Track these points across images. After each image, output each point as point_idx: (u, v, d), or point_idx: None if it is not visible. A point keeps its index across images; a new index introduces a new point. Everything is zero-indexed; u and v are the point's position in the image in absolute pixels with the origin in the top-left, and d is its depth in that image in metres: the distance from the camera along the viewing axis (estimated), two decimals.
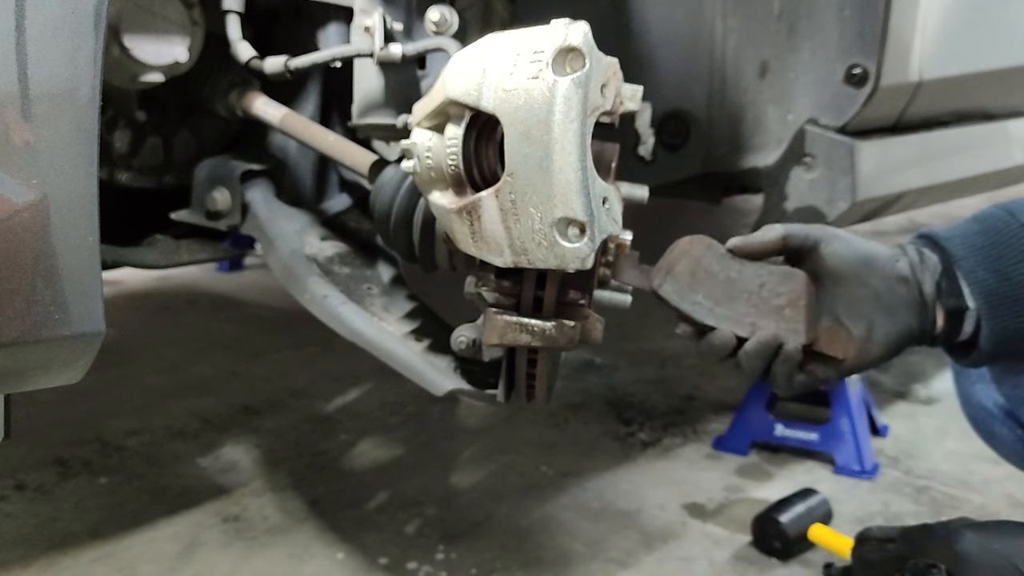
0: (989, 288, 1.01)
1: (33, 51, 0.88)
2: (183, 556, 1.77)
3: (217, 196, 1.52)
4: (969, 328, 1.03)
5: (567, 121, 0.84)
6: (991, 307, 1.01)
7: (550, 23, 0.88)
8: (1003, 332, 1.02)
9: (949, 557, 1.09)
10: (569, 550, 1.80)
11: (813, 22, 1.57)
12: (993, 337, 1.02)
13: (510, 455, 2.21)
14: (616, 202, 0.94)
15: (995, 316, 1.01)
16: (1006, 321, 1.01)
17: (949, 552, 1.09)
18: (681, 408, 2.52)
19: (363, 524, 1.89)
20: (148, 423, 2.36)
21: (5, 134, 0.87)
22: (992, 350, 1.03)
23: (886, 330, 1.00)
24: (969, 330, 1.03)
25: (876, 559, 1.20)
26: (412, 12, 1.40)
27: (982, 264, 1.02)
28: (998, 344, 1.02)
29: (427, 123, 0.96)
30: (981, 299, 1.01)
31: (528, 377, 1.08)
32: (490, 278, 1.03)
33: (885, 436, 2.34)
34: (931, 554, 1.12)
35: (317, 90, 1.59)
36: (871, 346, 1.01)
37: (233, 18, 1.40)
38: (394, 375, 1.36)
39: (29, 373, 0.97)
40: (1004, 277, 1.01)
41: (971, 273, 1.02)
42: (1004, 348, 1.03)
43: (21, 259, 0.88)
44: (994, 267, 1.02)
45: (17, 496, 1.97)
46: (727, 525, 1.90)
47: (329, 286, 1.41)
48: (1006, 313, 1.01)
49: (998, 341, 1.02)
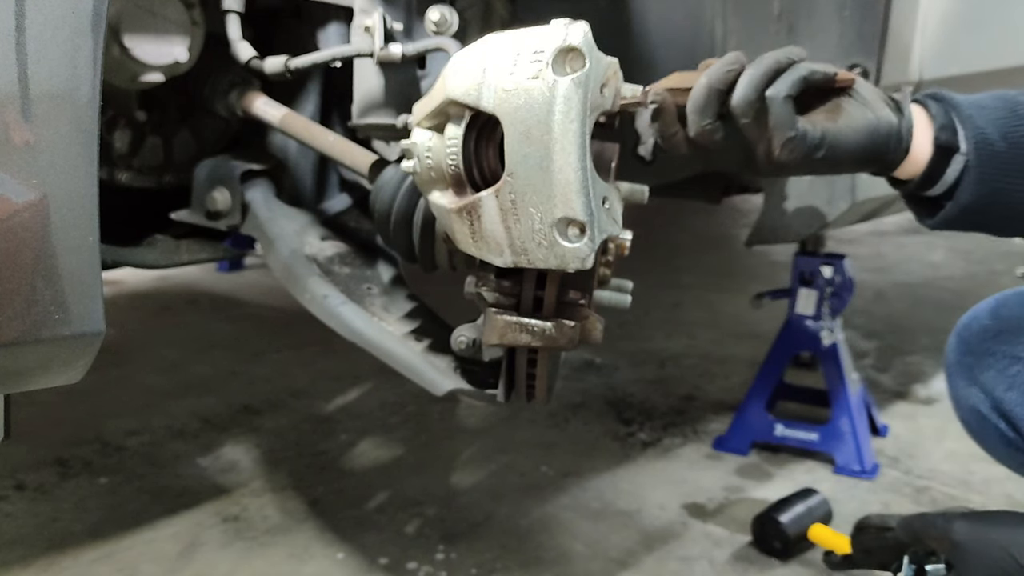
0: (986, 137, 0.99)
1: (33, 51, 0.87)
2: (183, 556, 1.77)
3: (217, 196, 1.52)
4: (952, 175, 1.00)
5: (567, 121, 0.84)
6: (983, 156, 0.99)
7: (550, 23, 0.88)
8: (985, 187, 0.99)
9: (946, 546, 1.10)
10: (569, 550, 1.81)
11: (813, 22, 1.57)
12: (976, 188, 0.99)
13: (510, 455, 2.21)
14: (616, 202, 0.94)
15: (984, 167, 0.99)
16: (993, 177, 0.99)
17: (946, 541, 1.10)
18: (681, 408, 2.52)
19: (363, 524, 1.89)
20: (148, 423, 2.36)
21: (5, 134, 0.87)
22: (968, 203, 1.00)
23: (863, 112, 0.97)
24: (951, 178, 1.00)
25: (875, 547, 1.20)
26: (412, 12, 1.40)
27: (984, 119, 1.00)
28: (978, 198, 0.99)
29: (427, 123, 0.96)
30: (974, 145, 0.99)
31: (528, 377, 1.08)
32: (490, 278, 1.03)
33: (885, 436, 2.34)
34: (929, 543, 1.12)
35: (317, 90, 1.59)
36: (855, 110, 0.97)
37: (233, 18, 1.40)
38: (394, 375, 1.36)
39: (29, 373, 0.97)
40: (1003, 135, 0.99)
41: (970, 119, 1.00)
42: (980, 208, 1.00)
43: (21, 259, 0.88)
44: (995, 125, 1.00)
45: (17, 496, 1.98)
46: (727, 525, 1.90)
47: (329, 286, 1.41)
48: (995, 169, 0.99)
49: (980, 195, 0.99)
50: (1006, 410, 1.25)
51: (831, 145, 0.95)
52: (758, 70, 0.95)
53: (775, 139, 0.94)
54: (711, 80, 0.95)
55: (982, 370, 1.27)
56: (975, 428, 1.33)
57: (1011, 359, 1.24)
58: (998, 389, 1.25)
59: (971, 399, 1.30)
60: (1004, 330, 1.26)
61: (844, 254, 2.30)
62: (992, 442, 1.30)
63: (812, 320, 2.24)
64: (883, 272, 4.11)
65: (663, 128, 0.99)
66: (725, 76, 0.95)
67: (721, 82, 0.95)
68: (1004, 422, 1.26)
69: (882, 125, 0.97)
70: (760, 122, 0.95)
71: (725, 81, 0.95)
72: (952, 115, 1.01)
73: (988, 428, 1.29)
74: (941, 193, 1.02)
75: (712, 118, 0.96)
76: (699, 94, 0.96)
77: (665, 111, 0.98)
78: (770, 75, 0.95)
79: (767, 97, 0.94)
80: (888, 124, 0.98)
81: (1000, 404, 1.25)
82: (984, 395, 1.27)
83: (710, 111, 0.96)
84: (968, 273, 4.12)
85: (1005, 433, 1.26)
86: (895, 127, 0.98)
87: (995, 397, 1.26)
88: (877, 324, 3.32)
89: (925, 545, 1.13)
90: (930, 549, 1.13)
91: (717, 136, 0.96)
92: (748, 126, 0.95)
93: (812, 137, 0.94)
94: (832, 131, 0.95)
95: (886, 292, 3.78)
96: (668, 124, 0.99)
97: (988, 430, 1.29)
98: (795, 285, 2.28)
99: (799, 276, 2.27)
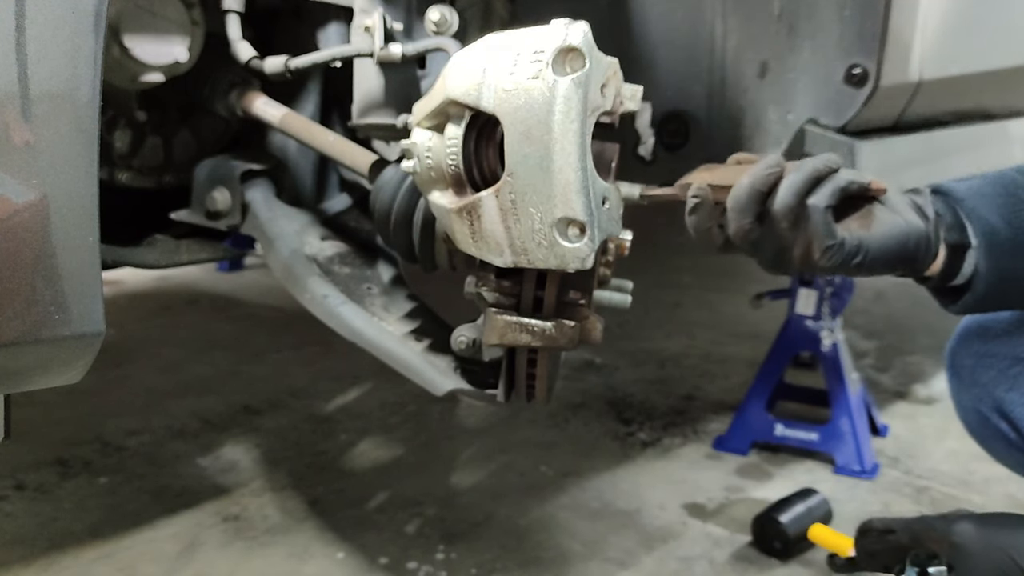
0: (992, 228, 1.02)
1: (33, 51, 0.87)
2: (183, 556, 1.77)
3: (217, 196, 1.52)
4: (969, 269, 1.03)
5: (567, 121, 0.84)
6: (992, 247, 1.02)
7: (550, 23, 0.88)
8: (1001, 273, 1.02)
9: (947, 548, 1.10)
10: (569, 550, 1.80)
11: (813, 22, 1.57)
12: (989, 277, 1.02)
13: (510, 455, 2.21)
14: (616, 202, 0.94)
15: (994, 256, 1.02)
16: (1005, 263, 1.02)
17: (947, 543, 1.10)
18: (681, 408, 2.52)
19: (363, 524, 1.89)
20: (148, 423, 2.36)
21: (5, 134, 0.87)
22: (985, 292, 1.03)
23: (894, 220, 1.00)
24: (968, 271, 1.03)
25: (878, 550, 1.21)
26: (412, 12, 1.40)
27: (986, 208, 1.03)
28: (993, 285, 1.03)
29: (427, 123, 0.96)
30: (983, 238, 1.02)
31: (528, 377, 1.08)
32: (490, 278, 1.03)
33: (885, 436, 2.34)
34: (930, 545, 1.12)
35: (317, 90, 1.59)
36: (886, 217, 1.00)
37: (233, 18, 1.40)
38: (394, 375, 1.36)
39: (29, 373, 0.97)
40: (1007, 221, 1.02)
41: (974, 212, 1.03)
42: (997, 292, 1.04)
43: (21, 259, 0.88)
44: (998, 212, 1.03)
45: (17, 496, 1.97)
46: (727, 525, 1.90)
47: (329, 286, 1.41)
48: (1006, 255, 1.02)
49: (993, 282, 1.02)
50: (1007, 410, 1.25)
51: (866, 252, 0.97)
52: (799, 177, 0.96)
53: (814, 246, 0.96)
54: (754, 181, 0.97)
55: (983, 370, 1.28)
56: (976, 428, 1.33)
57: (1012, 359, 1.25)
58: (999, 389, 1.26)
59: (972, 399, 1.30)
60: (1005, 331, 1.26)
61: None
62: (993, 442, 1.31)
63: (812, 320, 2.24)
64: None
65: (699, 223, 1.00)
66: (767, 178, 0.97)
67: (764, 184, 0.97)
68: (1005, 422, 1.26)
69: (912, 232, 1.00)
70: (798, 227, 0.96)
71: (767, 183, 0.97)
72: (958, 211, 1.03)
73: (989, 428, 1.29)
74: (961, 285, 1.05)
75: (752, 218, 0.97)
76: (742, 194, 0.97)
77: (704, 207, 1.00)
78: (811, 183, 0.96)
79: (809, 206, 0.96)
80: (918, 231, 1.00)
81: (1001, 404, 1.26)
82: (985, 395, 1.28)
83: (751, 212, 0.97)
84: None
85: (1006, 433, 1.26)
86: (924, 234, 1.00)
87: (996, 397, 1.26)
88: (877, 324, 3.32)
89: (927, 548, 1.14)
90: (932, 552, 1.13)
91: (753, 237, 0.98)
92: (786, 230, 0.97)
93: (850, 246, 0.96)
94: (868, 240, 0.97)
95: (886, 292, 3.78)
96: (704, 220, 1.00)
97: (989, 430, 1.29)
98: (795, 285, 2.28)
99: (799, 276, 2.27)
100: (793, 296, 2.28)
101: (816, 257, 0.96)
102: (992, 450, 1.33)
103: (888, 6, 1.52)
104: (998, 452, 1.32)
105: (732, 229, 0.98)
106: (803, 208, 0.96)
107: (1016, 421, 1.24)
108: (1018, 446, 1.26)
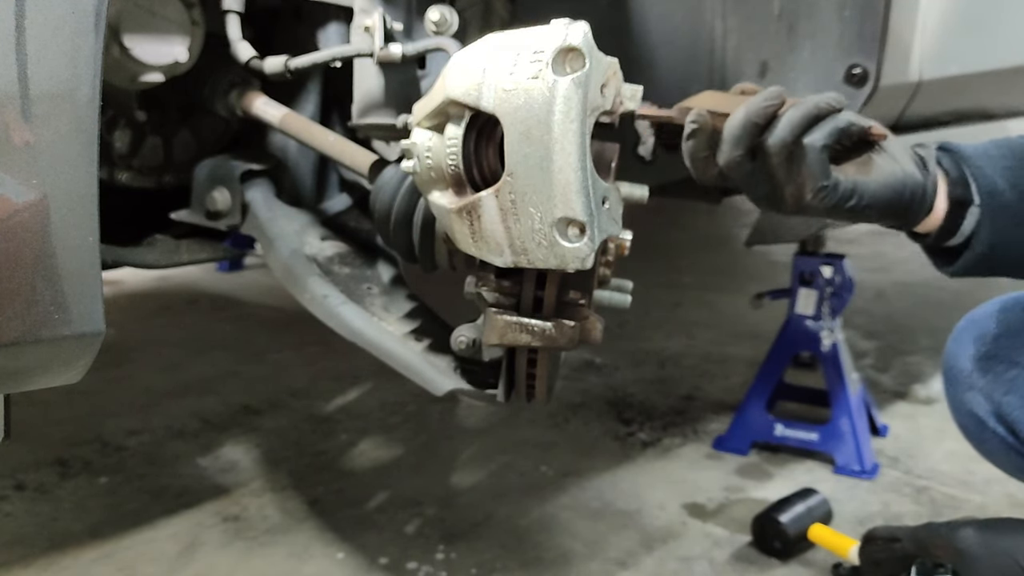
0: (996, 188, 1.01)
1: (33, 51, 0.87)
2: (183, 556, 1.77)
3: (217, 196, 1.52)
4: (969, 227, 1.02)
5: (567, 121, 0.84)
6: (994, 208, 1.00)
7: (550, 23, 0.88)
8: (998, 237, 1.01)
9: (952, 554, 1.10)
10: (569, 550, 1.80)
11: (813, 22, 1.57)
12: (990, 238, 1.01)
13: (510, 455, 2.21)
14: (616, 202, 0.94)
15: (996, 217, 1.00)
16: (1006, 225, 1.00)
17: (951, 549, 1.10)
18: (681, 408, 2.52)
19: (363, 524, 1.89)
20: (148, 423, 2.36)
21: (5, 134, 0.87)
22: (984, 253, 1.01)
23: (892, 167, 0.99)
24: (968, 230, 1.02)
25: (884, 559, 1.20)
26: (412, 12, 1.40)
27: (992, 169, 1.02)
28: (993, 246, 1.01)
29: (427, 123, 0.96)
30: (986, 197, 1.00)
31: (528, 377, 1.08)
32: (490, 278, 1.03)
33: (885, 436, 2.34)
34: (936, 553, 1.12)
35: (317, 90, 1.59)
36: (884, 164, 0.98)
37: (233, 18, 1.40)
38: (394, 375, 1.36)
39: (29, 373, 0.97)
40: (1011, 185, 1.01)
41: (980, 170, 1.01)
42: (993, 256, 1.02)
43: (21, 259, 0.88)
44: (1003, 175, 1.01)
45: (17, 496, 1.97)
46: (727, 525, 1.90)
47: (329, 286, 1.41)
48: (1006, 219, 1.00)
49: (993, 243, 1.01)
50: (1005, 414, 1.24)
51: (860, 197, 0.96)
52: (798, 113, 0.95)
53: (807, 185, 0.94)
54: (750, 113, 0.95)
55: (981, 375, 1.27)
56: (974, 433, 1.32)
57: (1009, 363, 1.24)
58: (996, 393, 1.25)
59: (969, 404, 1.29)
60: (1001, 334, 1.25)
61: (844, 254, 2.30)
62: (991, 447, 1.30)
63: (812, 320, 2.24)
64: (883, 272, 4.11)
65: (695, 149, 0.99)
66: (764, 111, 0.95)
67: (760, 116, 0.95)
68: (1003, 426, 1.25)
69: (909, 181, 0.98)
70: (792, 165, 0.95)
71: (764, 116, 0.95)
72: (963, 168, 1.02)
73: (987, 433, 1.28)
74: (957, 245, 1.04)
75: (744, 151, 0.95)
76: (736, 124, 0.95)
77: (702, 133, 0.98)
78: (810, 120, 0.95)
79: (804, 144, 0.94)
80: (915, 181, 0.99)
81: (999, 408, 1.25)
82: (983, 399, 1.27)
83: (743, 143, 0.95)
84: None
85: (1004, 438, 1.26)
86: (921, 185, 0.99)
87: (994, 401, 1.25)
88: (877, 324, 3.32)
89: (932, 555, 1.13)
90: (937, 560, 1.12)
91: (745, 170, 0.96)
92: (779, 166, 0.95)
93: (844, 188, 0.95)
94: (862, 184, 0.96)
95: (886, 292, 3.78)
96: (701, 147, 0.98)
97: (987, 435, 1.28)
98: (795, 285, 2.28)
99: (799, 276, 2.27)
100: (793, 296, 2.28)
101: (808, 198, 0.95)
102: (989, 454, 1.32)
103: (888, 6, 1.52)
104: (995, 456, 1.31)
105: (724, 160, 0.96)
106: (798, 146, 0.94)
107: (1013, 425, 1.23)
108: (1016, 450, 1.25)
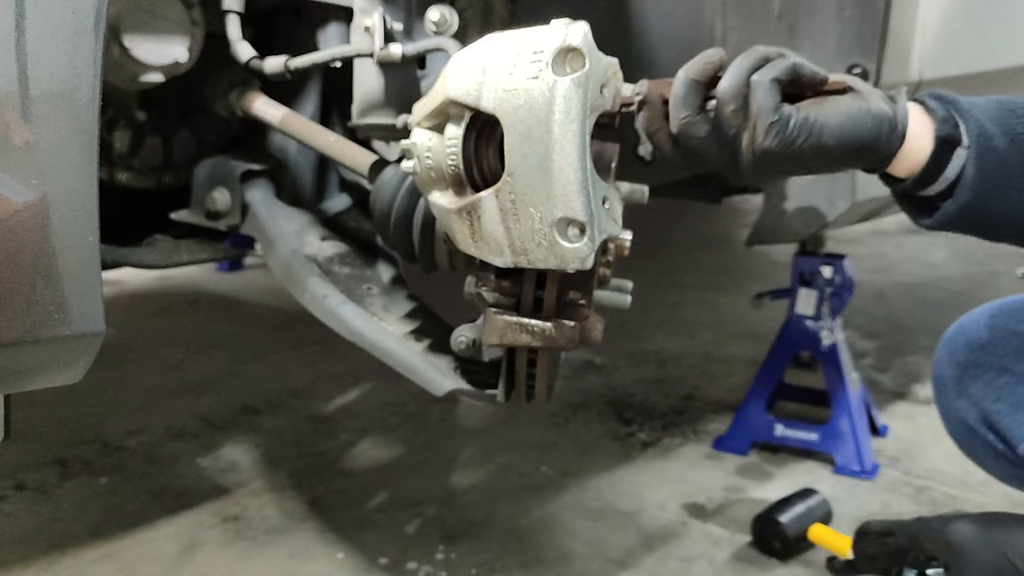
0: (987, 132, 0.95)
1: (33, 51, 0.88)
2: (183, 556, 1.77)
3: (217, 196, 1.52)
4: (954, 171, 0.96)
5: (567, 121, 0.84)
6: (984, 151, 0.95)
7: (550, 23, 0.88)
8: (985, 184, 0.95)
9: (943, 548, 1.10)
10: (569, 550, 1.80)
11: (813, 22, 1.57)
12: (976, 185, 0.95)
13: (510, 455, 2.21)
14: (616, 202, 0.94)
15: (984, 162, 0.94)
16: (993, 173, 0.95)
17: (942, 543, 1.09)
18: (681, 408, 2.52)
19: (363, 524, 1.89)
20: (148, 423, 2.36)
21: (5, 134, 0.87)
22: (967, 202, 0.95)
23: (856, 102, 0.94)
24: (953, 173, 0.96)
25: (877, 553, 1.20)
26: (412, 12, 1.40)
27: (983, 114, 0.96)
28: (976, 196, 0.95)
29: (427, 123, 0.96)
30: (976, 139, 0.95)
31: (528, 377, 1.08)
32: (490, 278, 1.03)
33: (885, 436, 2.34)
34: (927, 546, 1.12)
35: (317, 90, 1.59)
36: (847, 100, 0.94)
37: (233, 18, 1.40)
38: (394, 375, 1.36)
39: (29, 373, 0.97)
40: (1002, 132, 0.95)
41: (970, 114, 0.96)
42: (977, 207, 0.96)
43: (21, 259, 0.88)
44: (994, 122, 0.96)
45: (17, 496, 1.97)
46: (727, 525, 1.90)
47: (329, 286, 1.41)
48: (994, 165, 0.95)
49: (977, 192, 0.95)
50: (994, 421, 1.23)
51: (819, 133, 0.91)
52: (747, 59, 0.93)
53: (759, 125, 0.91)
54: (688, 71, 0.94)
55: (970, 382, 1.26)
56: (964, 440, 1.31)
57: (998, 370, 1.23)
58: (986, 400, 1.24)
59: (960, 411, 1.28)
60: (991, 341, 1.24)
61: (844, 254, 2.30)
62: (981, 454, 1.29)
63: (812, 320, 2.24)
64: (883, 272, 4.11)
65: (648, 122, 0.97)
66: (703, 68, 0.93)
67: (698, 73, 0.93)
68: (993, 434, 1.24)
69: (873, 111, 0.93)
70: (745, 112, 0.92)
71: (703, 72, 0.93)
72: (952, 110, 0.97)
73: (977, 440, 1.27)
74: (938, 193, 0.99)
75: (692, 111, 0.93)
76: (678, 86, 0.94)
77: (650, 104, 0.96)
78: (758, 64, 0.93)
79: (752, 82, 0.91)
80: (880, 111, 0.93)
81: (988, 415, 1.24)
82: (972, 406, 1.26)
83: (690, 103, 0.93)
84: (967, 273, 4.12)
85: (994, 444, 1.25)
86: (887, 114, 0.94)
87: (983, 408, 1.25)
88: (877, 324, 3.32)
89: (925, 549, 1.13)
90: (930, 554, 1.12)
91: (700, 132, 0.93)
92: (732, 115, 0.92)
93: (796, 121, 0.90)
94: (821, 118, 0.91)
95: (886, 292, 3.78)
96: (652, 119, 0.97)
97: (977, 442, 1.28)
98: (795, 285, 2.28)
99: (799, 276, 2.27)
100: (793, 296, 2.28)
101: (761, 140, 0.90)
102: (980, 461, 1.31)
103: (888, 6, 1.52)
104: (986, 463, 1.30)
105: (676, 126, 0.94)
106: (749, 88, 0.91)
107: (1004, 432, 1.22)
108: (1006, 457, 1.24)
